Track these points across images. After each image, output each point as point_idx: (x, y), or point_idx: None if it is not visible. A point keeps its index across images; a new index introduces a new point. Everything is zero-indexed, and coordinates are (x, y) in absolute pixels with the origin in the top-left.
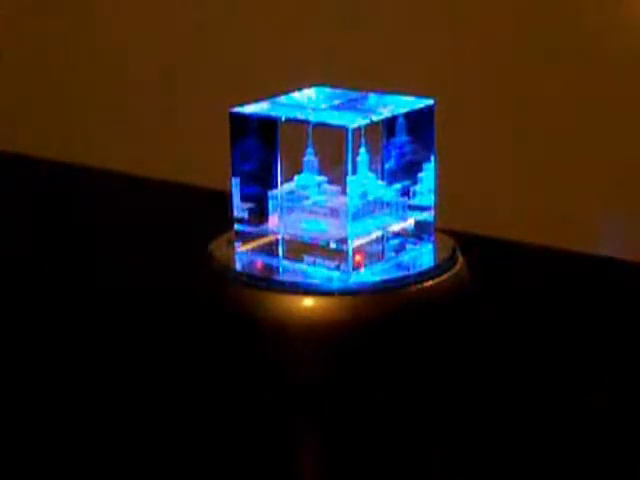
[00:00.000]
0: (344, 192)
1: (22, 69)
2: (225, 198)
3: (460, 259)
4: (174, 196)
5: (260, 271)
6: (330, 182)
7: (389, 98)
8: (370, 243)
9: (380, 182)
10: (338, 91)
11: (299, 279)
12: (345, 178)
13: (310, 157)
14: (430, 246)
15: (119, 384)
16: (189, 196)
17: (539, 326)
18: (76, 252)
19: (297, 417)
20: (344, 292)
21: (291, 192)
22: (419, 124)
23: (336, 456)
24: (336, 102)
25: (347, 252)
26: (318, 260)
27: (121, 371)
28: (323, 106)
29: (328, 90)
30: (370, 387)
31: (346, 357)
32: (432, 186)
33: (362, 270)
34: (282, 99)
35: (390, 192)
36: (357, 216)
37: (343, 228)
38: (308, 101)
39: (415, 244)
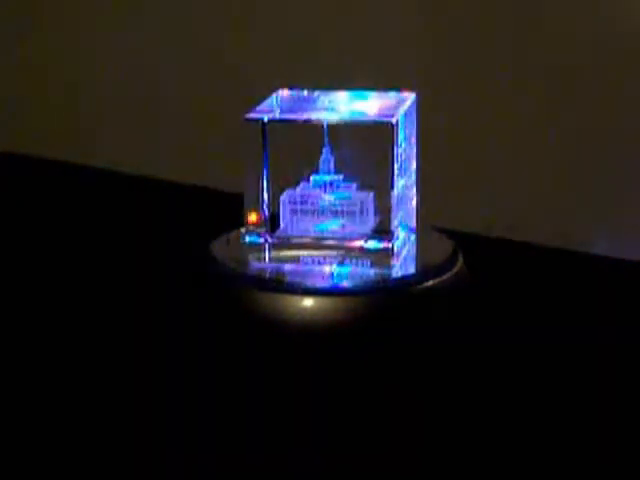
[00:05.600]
0: (367, 188)
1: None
2: (224, 198)
3: (460, 259)
4: (174, 196)
5: (261, 272)
6: (346, 180)
7: (374, 94)
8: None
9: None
10: (318, 92)
11: (298, 279)
12: (391, 174)
13: (327, 156)
14: (424, 243)
15: (118, 384)
16: (189, 196)
17: (539, 326)
18: (75, 252)
19: (297, 417)
20: (344, 292)
21: (306, 193)
22: (405, 119)
23: (337, 455)
24: (334, 102)
25: (391, 249)
26: (347, 259)
27: (120, 371)
28: (328, 105)
29: (302, 92)
30: (370, 387)
31: (346, 357)
32: (415, 178)
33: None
34: (280, 100)
35: (401, 188)
36: (394, 212)
37: (378, 225)
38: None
39: (405, 237)
